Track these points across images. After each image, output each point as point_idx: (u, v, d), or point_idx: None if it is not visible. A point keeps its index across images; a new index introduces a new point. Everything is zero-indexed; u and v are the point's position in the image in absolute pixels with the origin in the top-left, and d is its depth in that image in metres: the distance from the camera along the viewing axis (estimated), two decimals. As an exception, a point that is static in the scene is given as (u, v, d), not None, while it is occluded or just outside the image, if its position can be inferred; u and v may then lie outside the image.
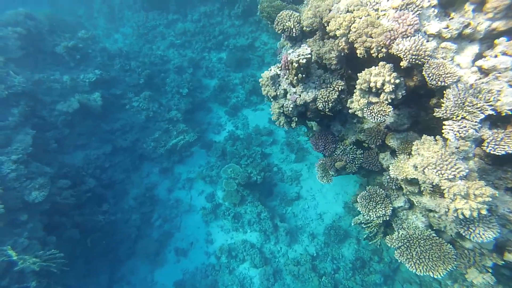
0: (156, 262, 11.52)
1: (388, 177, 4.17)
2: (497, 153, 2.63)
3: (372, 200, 4.13)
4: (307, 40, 4.92)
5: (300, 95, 4.26)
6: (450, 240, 3.84)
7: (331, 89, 4.21)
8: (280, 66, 4.49)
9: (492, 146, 2.57)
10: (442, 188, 2.74)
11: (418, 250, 3.69)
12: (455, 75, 2.74)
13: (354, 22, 3.45)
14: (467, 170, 2.61)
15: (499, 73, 2.64)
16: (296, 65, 3.90)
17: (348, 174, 4.85)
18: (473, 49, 3.16)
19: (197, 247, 11.79)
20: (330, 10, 3.91)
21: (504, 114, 2.59)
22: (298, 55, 3.87)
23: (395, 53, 3.05)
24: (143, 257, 11.60)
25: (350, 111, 3.84)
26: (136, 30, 17.79)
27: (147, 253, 11.57)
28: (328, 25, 3.90)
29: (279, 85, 4.50)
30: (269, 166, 12.52)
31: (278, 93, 4.47)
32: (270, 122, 14.13)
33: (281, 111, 4.66)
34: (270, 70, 4.60)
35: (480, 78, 2.87)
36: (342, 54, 3.97)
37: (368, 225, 5.00)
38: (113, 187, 12.66)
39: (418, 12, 3.11)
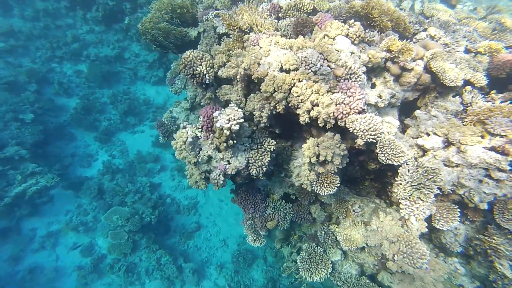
0: None
1: (323, 233, 4.18)
2: (445, 229, 3.00)
3: (312, 261, 4.05)
4: (222, 86, 4.32)
5: (229, 162, 3.64)
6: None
7: (263, 150, 3.81)
8: (199, 127, 3.70)
9: (442, 223, 2.90)
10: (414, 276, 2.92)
11: (360, 303, 3.85)
12: (405, 154, 2.91)
13: (294, 86, 3.15)
14: (429, 253, 2.87)
15: (434, 151, 3.00)
16: (227, 132, 3.25)
17: (279, 229, 4.66)
18: (394, 115, 3.52)
19: (75, 322, 9.04)
20: (259, 64, 3.46)
21: (446, 193, 2.96)
22: (229, 120, 3.24)
23: (351, 131, 2.95)
24: None
25: (296, 183, 3.56)
26: None
27: None
28: (258, 82, 3.46)
29: (200, 149, 3.70)
30: (161, 199, 11.04)
31: (199, 159, 3.67)
32: (154, 146, 12.50)
33: (203, 177, 3.89)
34: (186, 130, 3.72)
35: (418, 153, 3.21)
36: (274, 112, 3.63)
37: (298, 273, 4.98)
38: None
39: (360, 82, 3.13)
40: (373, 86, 3.72)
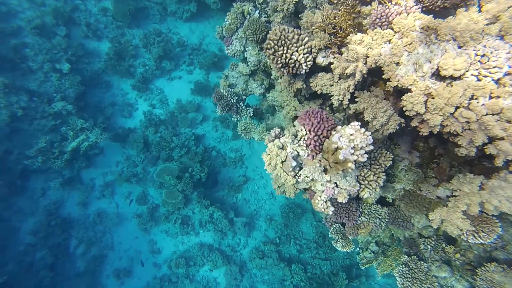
0: (94, 298, 9.58)
1: (430, 247, 3.65)
2: None
3: (414, 277, 3.63)
4: (318, 75, 3.26)
5: (338, 186, 2.91)
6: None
7: (377, 167, 3.00)
8: (302, 144, 2.85)
9: None
10: None
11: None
12: None
13: (461, 106, 2.16)
14: None
15: None
16: (352, 166, 2.45)
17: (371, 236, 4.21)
18: None
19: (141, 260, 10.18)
20: (398, 64, 2.39)
21: None
22: (354, 149, 2.39)
23: None
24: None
25: (434, 225, 2.83)
26: None
27: (78, 293, 9.38)
28: (398, 92, 2.45)
29: (300, 168, 2.96)
30: (206, 152, 10.87)
31: (298, 179, 2.97)
32: (193, 93, 11.73)
33: (297, 192, 3.26)
34: (281, 142, 2.90)
35: None
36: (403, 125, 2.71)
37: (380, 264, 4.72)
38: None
39: None
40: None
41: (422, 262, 3.74)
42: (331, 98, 3.30)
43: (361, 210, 3.90)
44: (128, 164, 10.83)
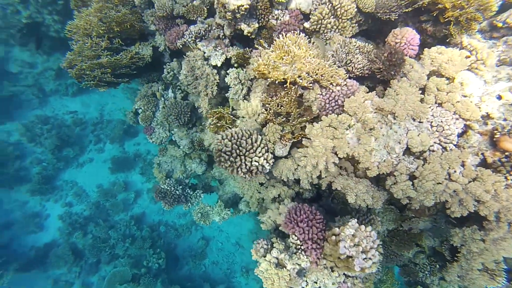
0: None
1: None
2: None
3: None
4: (278, 163, 2.99)
5: (347, 276, 2.67)
6: None
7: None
8: (302, 257, 2.49)
9: None
10: None
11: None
12: None
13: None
14: None
15: None
16: (368, 270, 2.23)
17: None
18: None
19: None
20: (370, 152, 2.28)
21: None
22: (365, 254, 2.18)
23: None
24: None
25: None
26: None
27: None
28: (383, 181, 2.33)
29: (304, 275, 2.61)
30: (154, 231, 9.57)
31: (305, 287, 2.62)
32: (114, 172, 10.23)
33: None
34: (276, 261, 2.50)
35: None
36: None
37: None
38: None
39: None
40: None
41: (428, 290, 3.84)
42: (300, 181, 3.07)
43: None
44: (59, 288, 8.65)
